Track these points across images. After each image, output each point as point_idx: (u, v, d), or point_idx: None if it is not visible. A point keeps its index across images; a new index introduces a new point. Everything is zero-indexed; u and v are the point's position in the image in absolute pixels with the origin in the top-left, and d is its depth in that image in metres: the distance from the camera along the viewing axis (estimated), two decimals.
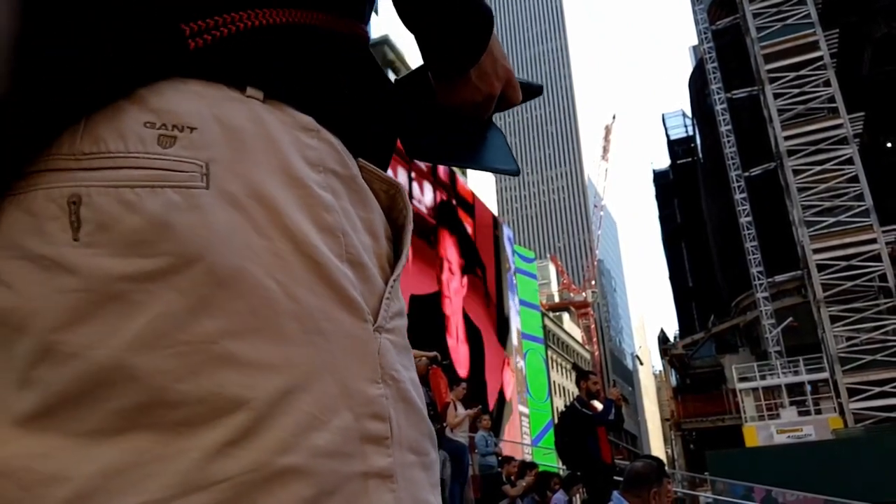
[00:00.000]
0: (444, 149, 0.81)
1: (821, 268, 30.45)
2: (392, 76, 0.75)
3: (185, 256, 0.50)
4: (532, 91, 0.87)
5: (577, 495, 9.77)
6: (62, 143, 0.51)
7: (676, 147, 59.42)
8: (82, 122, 0.51)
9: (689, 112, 55.32)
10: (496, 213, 31.93)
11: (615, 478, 6.54)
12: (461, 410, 9.15)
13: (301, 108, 0.59)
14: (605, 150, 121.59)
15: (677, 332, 57.62)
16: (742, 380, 32.94)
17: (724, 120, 37.78)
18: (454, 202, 22.49)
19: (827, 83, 32.49)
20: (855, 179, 30.92)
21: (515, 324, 26.82)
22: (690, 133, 57.00)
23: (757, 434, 29.97)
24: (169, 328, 0.49)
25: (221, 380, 0.50)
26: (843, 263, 30.10)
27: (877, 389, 28.34)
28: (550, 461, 18.02)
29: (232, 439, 0.49)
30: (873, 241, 29.92)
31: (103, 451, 0.48)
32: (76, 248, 0.50)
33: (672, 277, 60.98)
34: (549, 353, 50.42)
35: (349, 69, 0.65)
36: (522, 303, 28.52)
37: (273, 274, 0.52)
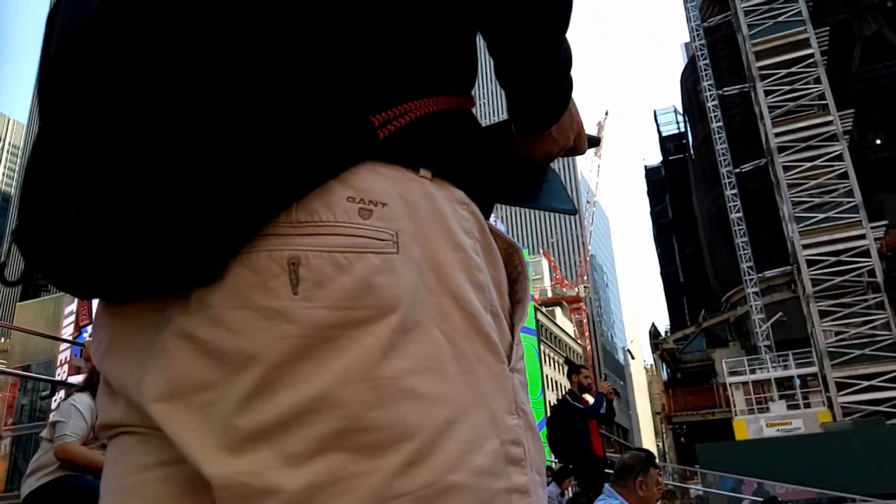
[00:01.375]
0: (510, 190, 0.91)
1: (810, 263, 30.69)
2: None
3: (383, 309, 0.62)
4: (593, 142, 1.00)
5: (569, 488, 9.89)
6: (280, 213, 0.62)
7: (668, 143, 59.60)
8: None
9: (680, 108, 55.46)
10: None
11: (606, 471, 6.61)
12: None
13: (456, 184, 0.72)
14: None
15: (668, 326, 57.89)
16: (732, 374, 33.16)
17: (715, 116, 37.96)
18: None
19: (817, 80, 32.69)
20: (844, 176, 31.16)
21: None
22: (682, 129, 57.17)
23: (747, 427, 30.22)
24: (366, 366, 0.60)
25: (404, 410, 0.61)
26: (833, 259, 30.35)
27: (865, 383, 28.62)
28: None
29: (411, 460, 0.60)
30: (862, 236, 30.17)
31: (308, 469, 0.59)
32: (295, 302, 0.60)
33: (663, 272, 61.21)
34: (542, 347, 50.53)
35: (478, 144, 0.80)
36: None
37: (439, 325, 0.65)
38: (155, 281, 0.63)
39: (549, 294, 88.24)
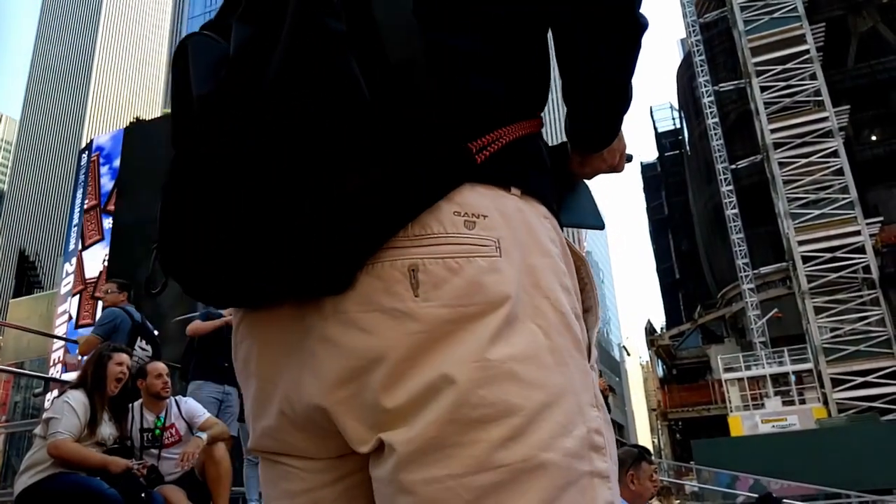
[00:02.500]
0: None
1: (805, 259, 30.74)
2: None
3: (492, 304, 0.73)
4: (628, 159, 1.08)
5: None
6: (399, 230, 0.74)
7: (664, 139, 59.63)
8: None
9: (676, 104, 55.46)
10: None
11: None
12: None
13: (540, 200, 0.84)
14: None
15: (664, 323, 57.95)
16: (727, 370, 33.21)
17: (711, 112, 37.94)
18: None
19: (813, 76, 32.71)
20: (840, 172, 31.19)
21: None
22: (678, 125, 57.17)
23: (742, 423, 30.25)
24: (478, 351, 0.71)
25: (507, 390, 0.71)
26: (828, 255, 30.39)
27: (860, 379, 28.69)
28: None
29: (511, 436, 0.70)
30: (857, 232, 30.22)
31: (421, 433, 0.71)
32: (417, 303, 0.72)
33: (659, 269, 61.28)
34: None
35: (551, 164, 0.92)
36: None
37: (535, 320, 0.75)
38: (295, 291, 0.76)
39: None
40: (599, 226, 1.03)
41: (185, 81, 0.79)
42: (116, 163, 20.97)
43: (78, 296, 22.57)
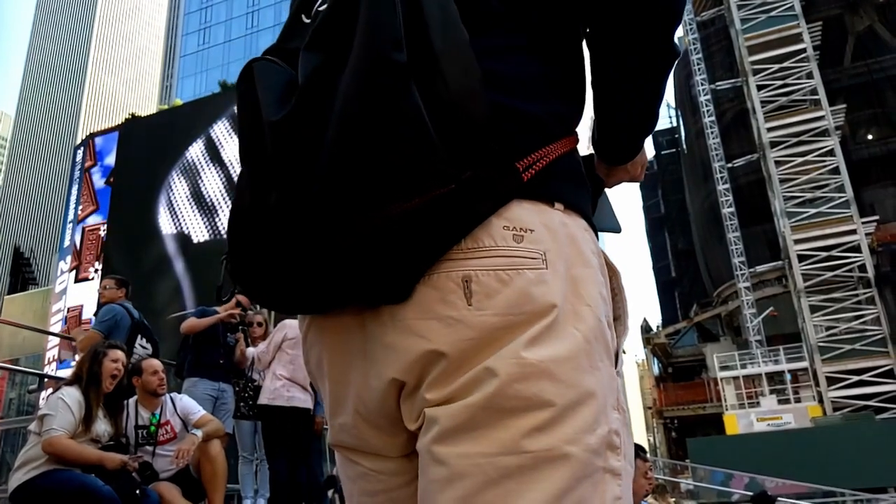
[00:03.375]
0: None
1: (801, 258, 30.79)
2: None
3: (539, 313, 0.80)
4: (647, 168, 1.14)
5: None
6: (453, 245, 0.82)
7: (660, 137, 59.55)
8: None
9: (673, 103, 55.49)
10: None
11: None
12: None
13: (580, 214, 0.90)
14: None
15: (660, 321, 57.99)
16: (723, 368, 33.26)
17: (707, 111, 37.95)
18: None
19: (809, 75, 32.73)
20: (836, 171, 31.23)
21: None
22: (674, 124, 57.16)
23: (737, 422, 30.33)
24: (518, 350, 0.79)
25: (541, 386, 0.78)
26: (824, 254, 30.45)
27: (855, 378, 28.76)
28: None
29: (539, 427, 0.78)
30: (853, 231, 30.27)
31: (461, 412, 0.79)
32: (470, 311, 0.80)
33: (655, 267, 61.29)
34: None
35: (587, 178, 0.99)
36: None
37: (576, 325, 0.83)
38: (359, 301, 0.85)
39: None
40: (617, 230, 1.09)
41: (252, 104, 0.85)
42: (110, 160, 20.92)
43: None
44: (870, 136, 37.47)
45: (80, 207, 22.57)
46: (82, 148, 22.05)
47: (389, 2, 0.77)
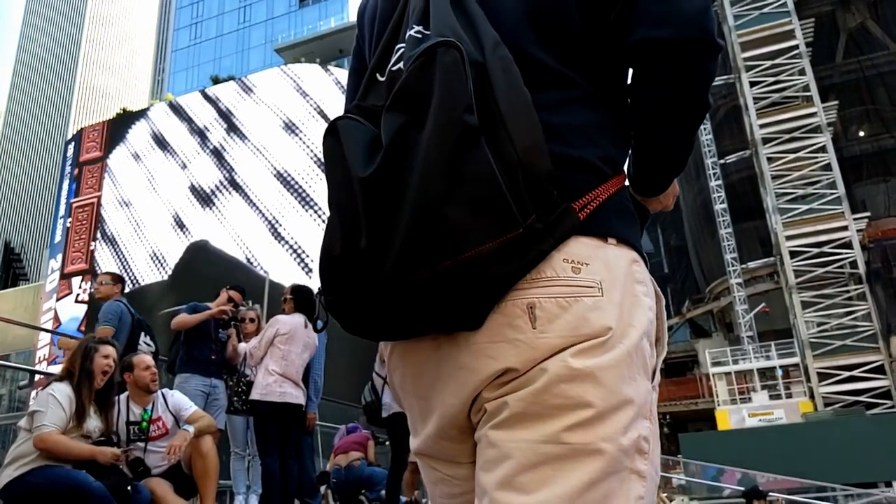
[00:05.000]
0: None
1: (793, 254, 30.86)
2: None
3: (594, 335, 0.93)
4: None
5: None
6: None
7: None
8: None
9: None
10: None
11: None
12: None
13: (630, 246, 1.02)
14: None
15: None
16: (715, 364, 33.34)
17: None
18: None
19: (802, 72, 32.77)
20: (828, 167, 31.30)
21: None
22: None
23: (729, 417, 30.43)
24: (567, 356, 0.91)
25: (584, 389, 0.91)
26: (815, 250, 30.52)
27: (846, 374, 28.87)
28: None
29: (579, 424, 0.90)
30: (844, 228, 30.35)
31: (514, 405, 0.93)
32: (534, 333, 0.93)
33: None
34: None
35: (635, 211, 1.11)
36: None
37: (624, 342, 0.95)
38: (440, 330, 0.98)
39: None
40: (649, 251, 1.20)
41: (340, 159, 0.97)
42: (96, 154, 20.79)
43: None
44: (861, 133, 37.58)
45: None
46: (73, 143, 21.94)
47: (460, 69, 0.89)
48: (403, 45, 1.02)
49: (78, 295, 29.71)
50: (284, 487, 5.55)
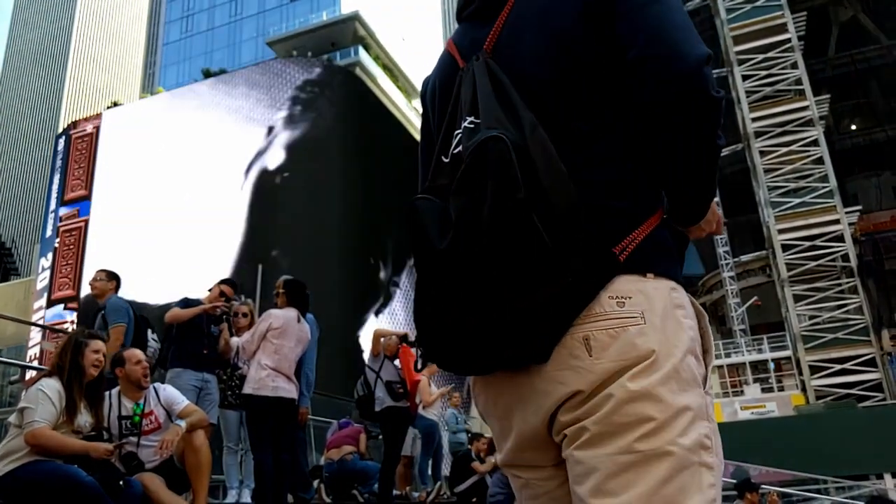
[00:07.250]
0: None
1: (785, 248, 30.92)
2: (363, 52, 1.08)
3: (641, 357, 1.12)
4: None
5: None
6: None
7: None
8: None
9: None
10: None
11: None
12: (434, 389, 9.24)
13: (668, 277, 1.20)
14: None
15: None
16: None
17: None
18: None
19: (794, 65, 32.79)
20: (820, 161, 31.34)
21: None
22: None
23: (721, 410, 30.52)
24: (625, 382, 1.11)
25: (644, 406, 1.10)
26: (807, 244, 30.60)
27: (838, 367, 28.98)
28: None
29: (646, 433, 1.09)
30: (836, 221, 30.41)
31: (591, 428, 1.13)
32: (591, 360, 1.13)
33: None
34: None
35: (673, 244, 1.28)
36: None
37: (671, 361, 1.13)
38: (516, 365, 1.19)
39: None
40: (699, 272, 1.32)
41: (421, 233, 1.20)
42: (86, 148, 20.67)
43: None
44: (853, 127, 37.69)
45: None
46: (64, 137, 21.79)
47: (508, 157, 1.09)
48: (461, 131, 1.25)
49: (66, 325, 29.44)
50: (277, 482, 5.53)
